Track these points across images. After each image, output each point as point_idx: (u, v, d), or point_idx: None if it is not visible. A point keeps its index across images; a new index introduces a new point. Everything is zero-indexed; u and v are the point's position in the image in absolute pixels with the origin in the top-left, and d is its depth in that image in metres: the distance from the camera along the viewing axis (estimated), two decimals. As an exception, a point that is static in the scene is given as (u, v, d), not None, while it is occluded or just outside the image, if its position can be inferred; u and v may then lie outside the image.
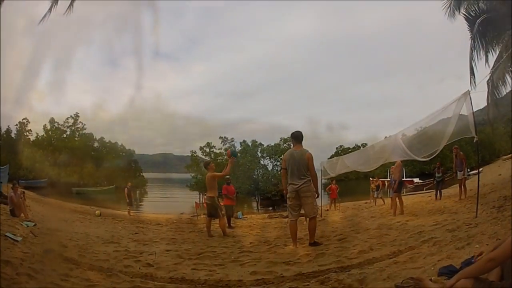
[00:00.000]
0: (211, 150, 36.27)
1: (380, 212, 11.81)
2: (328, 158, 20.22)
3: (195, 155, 38.00)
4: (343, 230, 8.15)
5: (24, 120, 53.03)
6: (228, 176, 12.64)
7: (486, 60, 12.06)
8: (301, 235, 6.57)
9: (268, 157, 36.81)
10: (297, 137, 6.56)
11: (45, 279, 3.67)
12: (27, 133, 53.34)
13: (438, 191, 12.92)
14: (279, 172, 35.32)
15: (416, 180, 32.03)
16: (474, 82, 11.69)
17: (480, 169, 12.78)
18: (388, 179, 15.43)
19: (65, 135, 53.68)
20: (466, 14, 12.06)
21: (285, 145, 36.20)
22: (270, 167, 36.77)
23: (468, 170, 13.68)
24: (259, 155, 36.75)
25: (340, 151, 58.81)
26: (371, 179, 19.24)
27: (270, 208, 29.97)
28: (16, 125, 52.26)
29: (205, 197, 11.03)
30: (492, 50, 12.04)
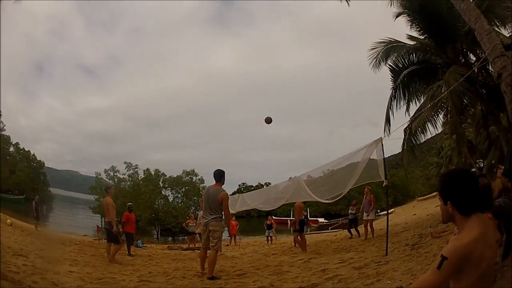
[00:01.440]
0: (115, 174, 35.08)
1: (282, 250, 11.93)
2: (230, 195, 20.14)
3: (99, 177, 36.37)
4: (243, 266, 8.21)
5: None
6: (130, 203, 12.47)
7: (407, 109, 12.49)
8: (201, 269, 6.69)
9: (169, 188, 36.42)
10: (216, 175, 6.83)
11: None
12: None
13: (353, 230, 12.95)
14: (180, 204, 35.26)
15: (321, 220, 33.44)
16: (389, 130, 12.09)
17: (392, 210, 13.37)
18: (292, 218, 15.77)
19: (-16, 132, 48.51)
20: (393, 66, 12.32)
21: (187, 178, 36.14)
22: (171, 198, 36.38)
23: (378, 211, 14.15)
24: (161, 185, 36.18)
25: (242, 188, 59.61)
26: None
27: (170, 238, 29.66)
28: None
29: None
30: (416, 99, 12.47)
